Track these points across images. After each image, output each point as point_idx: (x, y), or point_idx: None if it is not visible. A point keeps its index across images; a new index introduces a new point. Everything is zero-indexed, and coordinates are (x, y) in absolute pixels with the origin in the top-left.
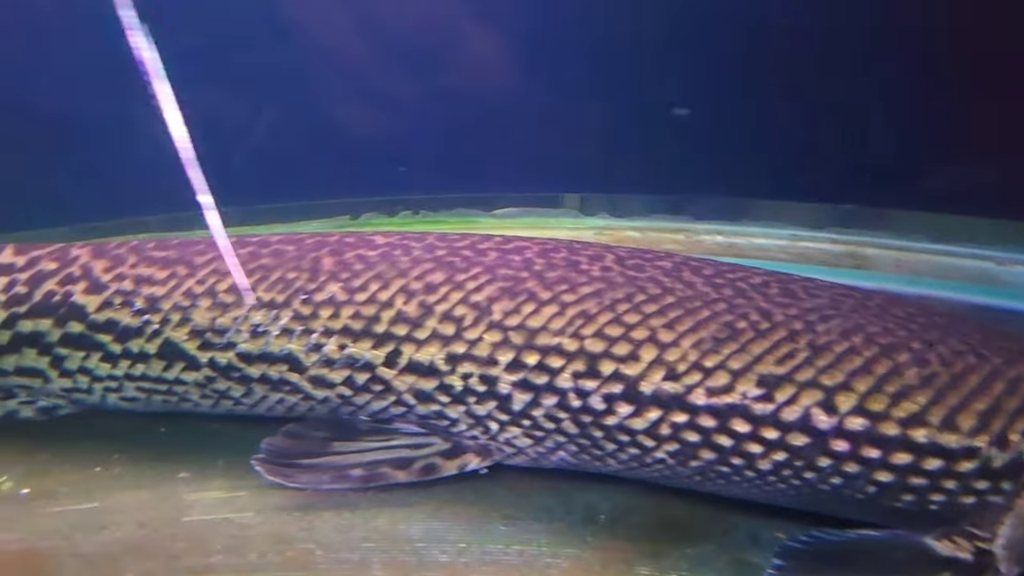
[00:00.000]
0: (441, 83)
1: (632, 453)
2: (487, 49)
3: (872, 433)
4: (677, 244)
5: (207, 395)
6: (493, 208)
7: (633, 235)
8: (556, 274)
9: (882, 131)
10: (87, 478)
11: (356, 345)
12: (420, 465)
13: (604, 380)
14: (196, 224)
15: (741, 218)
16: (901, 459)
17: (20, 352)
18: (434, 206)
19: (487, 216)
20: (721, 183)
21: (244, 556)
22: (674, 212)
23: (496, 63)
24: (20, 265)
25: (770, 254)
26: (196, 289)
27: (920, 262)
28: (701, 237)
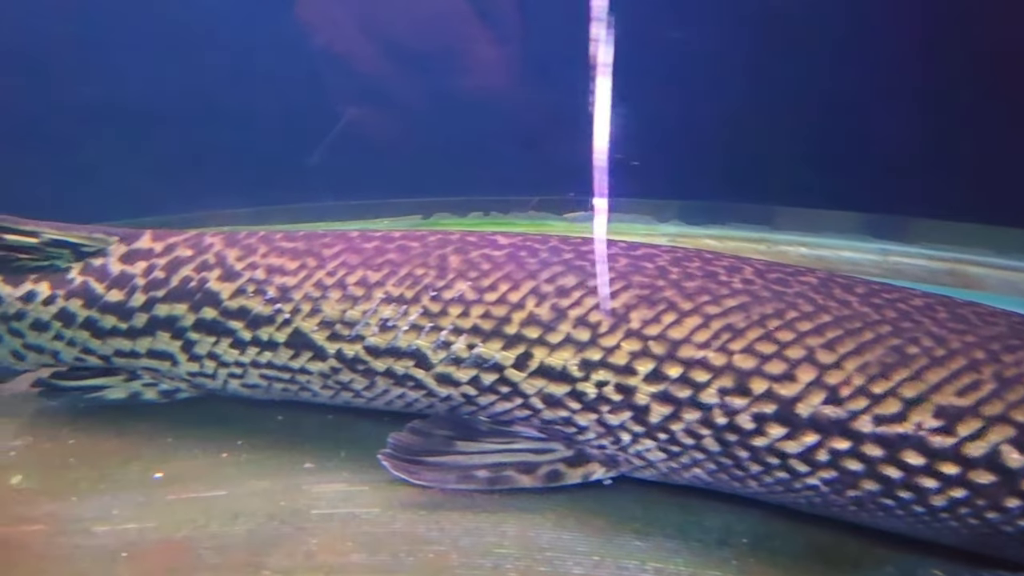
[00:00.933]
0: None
1: (780, 477)
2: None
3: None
4: (758, 255)
5: (329, 386)
6: (564, 212)
7: (711, 243)
8: (695, 284)
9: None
10: (214, 464)
11: (485, 345)
12: (545, 471)
13: (755, 399)
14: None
15: (824, 229)
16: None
17: (154, 335)
18: (505, 208)
19: (558, 219)
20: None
21: (378, 555)
22: (751, 221)
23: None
24: (158, 251)
25: (862, 269)
26: (326, 281)
27: None
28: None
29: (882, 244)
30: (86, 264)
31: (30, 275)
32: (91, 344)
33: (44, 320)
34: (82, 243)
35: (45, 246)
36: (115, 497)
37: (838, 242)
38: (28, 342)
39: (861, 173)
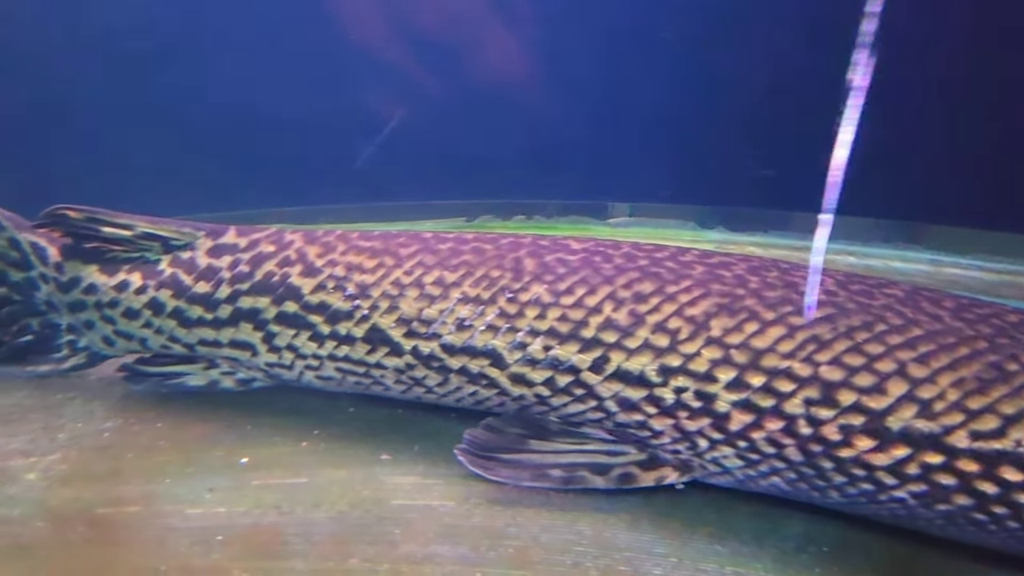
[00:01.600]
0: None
1: (864, 488)
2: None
3: None
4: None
5: (402, 381)
6: (607, 216)
7: (755, 251)
8: (776, 294)
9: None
10: (294, 452)
11: (562, 347)
12: (618, 473)
13: (842, 410)
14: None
15: (871, 239)
16: None
17: (237, 326)
18: (548, 212)
19: (601, 224)
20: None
21: (459, 547)
22: (795, 229)
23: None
24: (243, 246)
25: (913, 279)
26: (404, 280)
27: None
28: (831, 257)
29: (933, 255)
30: (175, 257)
31: (123, 266)
32: (177, 333)
33: (135, 308)
34: (172, 237)
35: (138, 239)
36: (203, 480)
37: (887, 251)
38: (119, 329)
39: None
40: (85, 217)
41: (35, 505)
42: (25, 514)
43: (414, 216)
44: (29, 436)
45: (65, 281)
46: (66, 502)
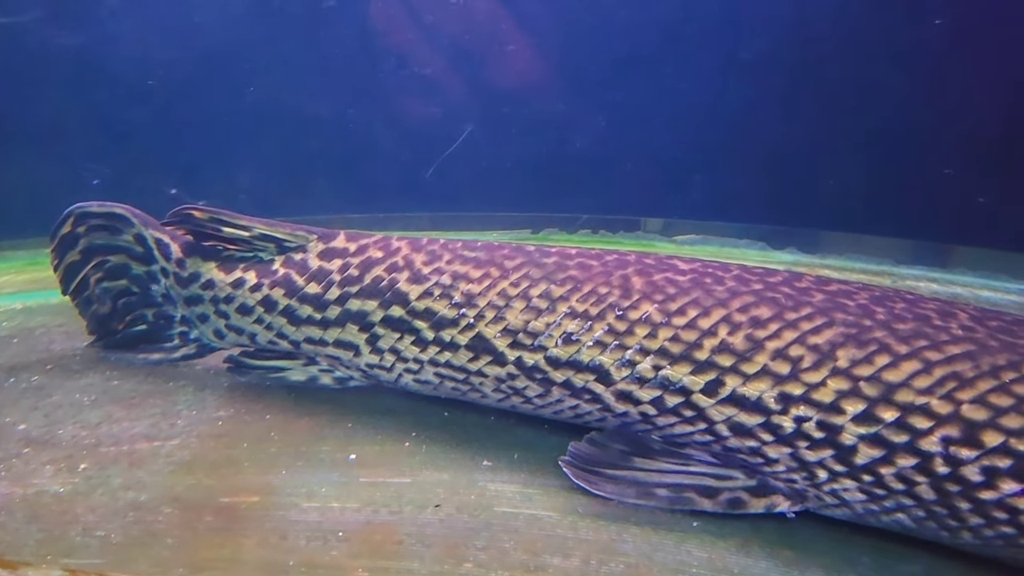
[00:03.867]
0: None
1: (1004, 532)
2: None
3: None
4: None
5: (501, 390)
6: (673, 233)
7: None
8: (908, 327)
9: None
10: (397, 452)
11: (673, 368)
12: (726, 497)
13: (986, 452)
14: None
15: (954, 265)
16: None
17: (344, 327)
18: (613, 227)
19: (666, 240)
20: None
21: (570, 559)
22: (870, 252)
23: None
24: (352, 251)
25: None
26: (510, 291)
27: None
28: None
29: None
30: (287, 258)
31: (240, 264)
32: (286, 330)
33: (249, 305)
34: (285, 239)
35: (254, 239)
36: (317, 475)
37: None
38: (231, 323)
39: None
40: (209, 217)
41: (162, 490)
42: (154, 499)
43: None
44: (151, 420)
45: (185, 276)
46: (190, 489)
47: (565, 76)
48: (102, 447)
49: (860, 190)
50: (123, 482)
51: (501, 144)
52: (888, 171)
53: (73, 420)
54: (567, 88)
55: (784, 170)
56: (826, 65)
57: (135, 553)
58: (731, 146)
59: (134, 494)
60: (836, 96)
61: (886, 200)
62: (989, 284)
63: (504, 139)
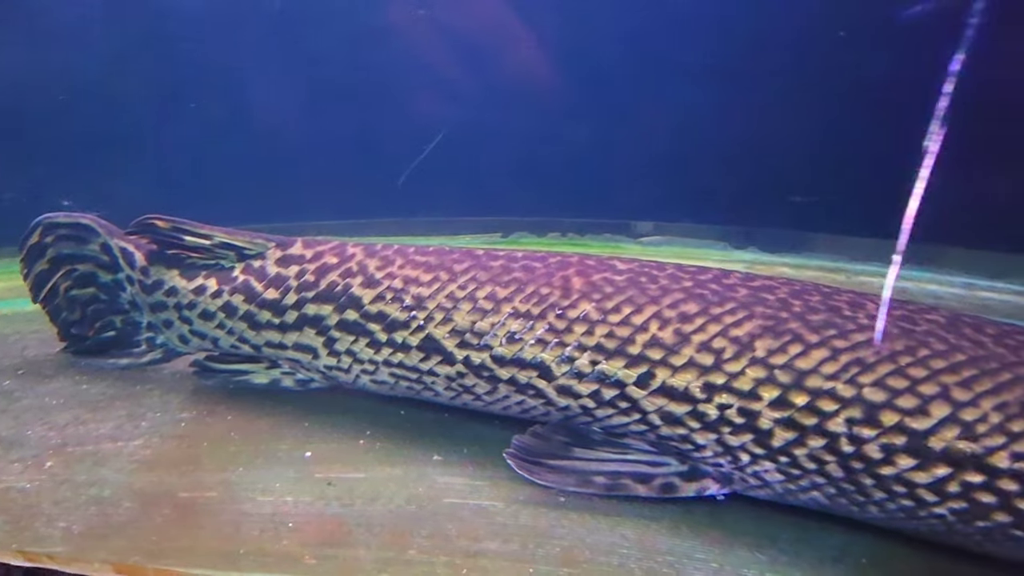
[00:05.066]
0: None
1: (903, 504)
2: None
3: None
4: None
5: (452, 388)
6: (639, 235)
7: (786, 271)
8: (819, 318)
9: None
10: (351, 449)
11: (608, 363)
12: (660, 482)
13: (885, 430)
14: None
15: (907, 261)
16: None
17: (301, 330)
18: (581, 230)
19: (632, 242)
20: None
21: (509, 544)
22: (827, 251)
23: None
24: (308, 257)
25: (945, 303)
26: (458, 294)
27: None
28: (863, 279)
29: (968, 278)
30: (247, 265)
31: (201, 271)
32: (246, 334)
33: (211, 311)
34: (245, 246)
35: (215, 247)
36: (273, 471)
37: (922, 274)
38: (194, 328)
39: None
40: (171, 227)
41: (124, 487)
42: (115, 495)
43: (451, 231)
44: (115, 423)
45: (150, 284)
46: (150, 484)
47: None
48: (68, 447)
49: (815, 190)
50: (87, 479)
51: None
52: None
53: (41, 422)
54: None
55: (744, 171)
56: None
57: (94, 543)
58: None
59: (97, 490)
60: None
61: (841, 199)
62: (935, 279)
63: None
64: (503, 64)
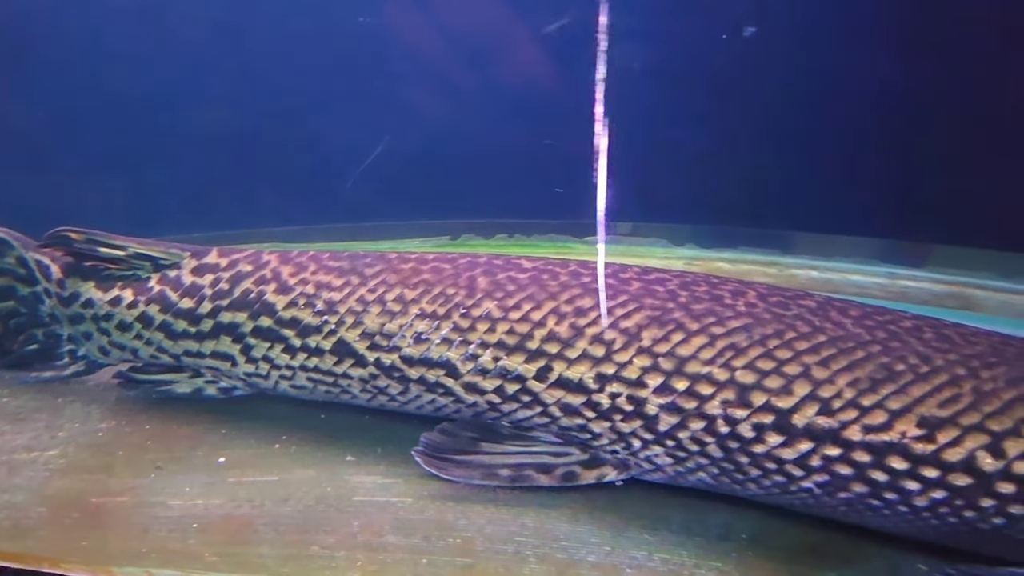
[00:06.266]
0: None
1: (777, 480)
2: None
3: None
4: (769, 278)
5: (367, 390)
6: (585, 235)
7: (724, 267)
8: (702, 307)
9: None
10: (267, 453)
11: (509, 358)
12: (561, 472)
13: (755, 410)
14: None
15: (835, 254)
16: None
17: (218, 339)
18: (528, 231)
19: (579, 242)
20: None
21: (411, 537)
22: (764, 245)
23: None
24: (223, 265)
25: (868, 292)
26: (368, 297)
27: None
28: (794, 271)
29: (890, 268)
30: (163, 275)
31: (117, 282)
32: (164, 344)
33: (128, 322)
34: (160, 257)
35: (130, 258)
36: (186, 477)
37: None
38: (113, 340)
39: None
40: (84, 238)
41: (36, 493)
42: (27, 500)
43: (400, 235)
44: (33, 433)
45: (66, 296)
46: (62, 491)
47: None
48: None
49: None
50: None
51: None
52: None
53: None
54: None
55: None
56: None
57: (3, 545)
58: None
59: (8, 496)
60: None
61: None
62: (861, 269)
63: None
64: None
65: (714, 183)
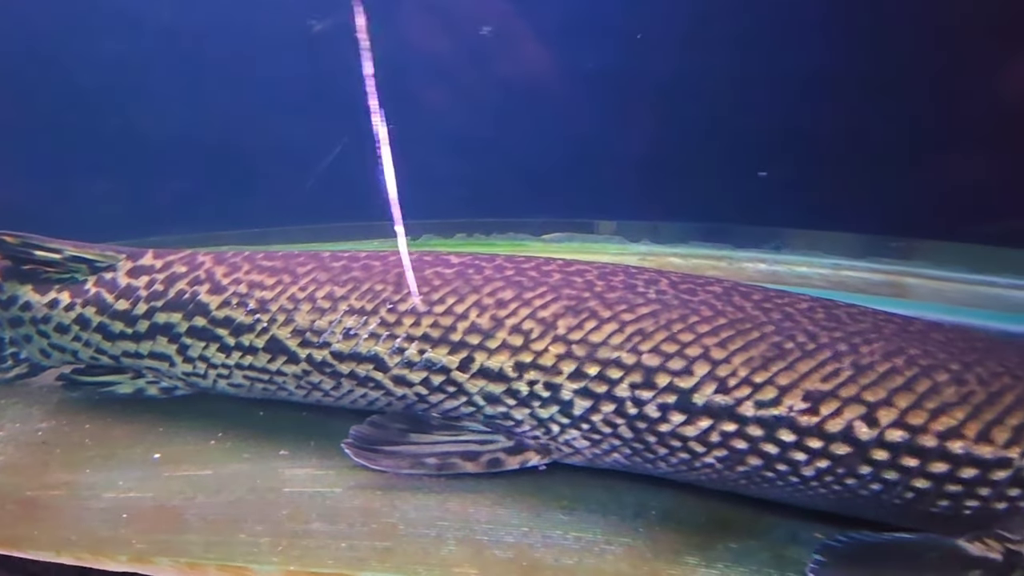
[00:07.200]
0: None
1: (683, 457)
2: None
3: (911, 445)
4: (719, 271)
5: (302, 386)
6: (542, 233)
7: (676, 261)
8: (615, 295)
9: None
10: (203, 449)
11: (434, 351)
12: (486, 459)
13: (659, 391)
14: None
15: (783, 247)
16: (938, 468)
17: (154, 339)
18: (487, 230)
19: (536, 240)
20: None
21: (336, 524)
22: (716, 240)
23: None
24: (158, 267)
25: (811, 282)
26: (299, 295)
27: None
28: (743, 264)
29: (834, 259)
30: (99, 277)
31: (55, 285)
32: (103, 345)
33: (65, 324)
34: (96, 259)
35: (67, 261)
36: (121, 472)
37: (793, 258)
38: (52, 342)
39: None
40: (21, 242)
41: None
42: None
43: (360, 236)
44: None
45: (5, 299)
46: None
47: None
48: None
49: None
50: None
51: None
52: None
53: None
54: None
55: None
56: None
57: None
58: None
59: None
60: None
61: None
62: (807, 261)
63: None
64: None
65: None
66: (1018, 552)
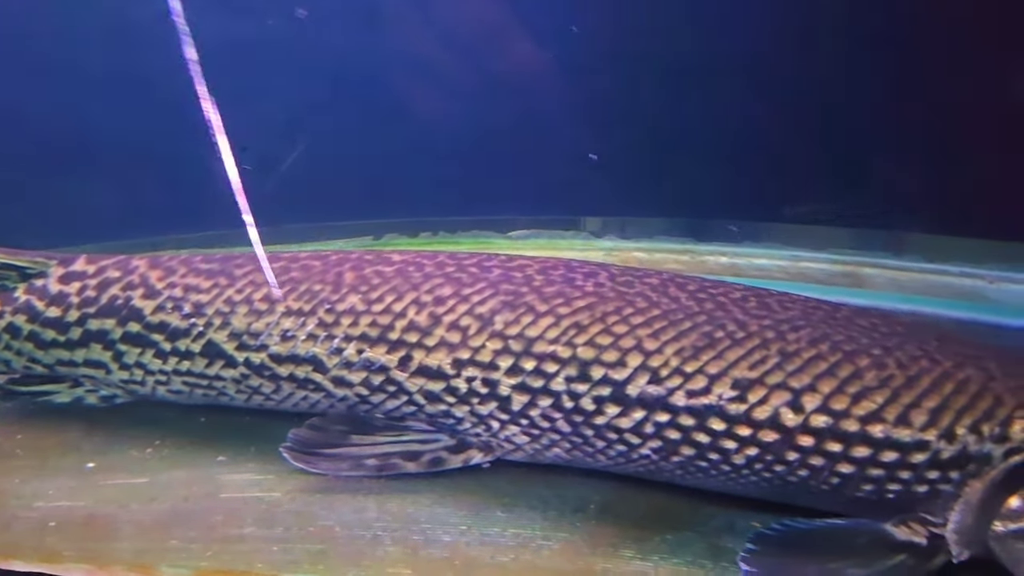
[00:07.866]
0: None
1: (619, 450)
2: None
3: (834, 429)
4: (681, 264)
5: (242, 390)
6: (508, 230)
7: (640, 256)
8: (553, 289)
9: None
10: (140, 458)
11: (372, 350)
12: (428, 458)
13: (594, 384)
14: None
15: (743, 240)
16: (861, 452)
17: (88, 347)
18: (452, 228)
19: (502, 238)
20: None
21: (272, 529)
22: (679, 234)
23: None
24: (91, 272)
25: (770, 274)
26: (235, 297)
27: (914, 280)
28: (705, 258)
29: (794, 251)
30: (29, 284)
31: None
32: (36, 354)
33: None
34: (26, 266)
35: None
36: (52, 481)
37: (754, 251)
38: None
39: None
40: None
41: None
42: None
43: (322, 236)
44: None
45: None
46: None
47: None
48: None
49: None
50: None
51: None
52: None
53: None
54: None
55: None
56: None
57: None
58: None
59: None
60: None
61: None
62: (767, 253)
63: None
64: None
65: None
66: (941, 536)
